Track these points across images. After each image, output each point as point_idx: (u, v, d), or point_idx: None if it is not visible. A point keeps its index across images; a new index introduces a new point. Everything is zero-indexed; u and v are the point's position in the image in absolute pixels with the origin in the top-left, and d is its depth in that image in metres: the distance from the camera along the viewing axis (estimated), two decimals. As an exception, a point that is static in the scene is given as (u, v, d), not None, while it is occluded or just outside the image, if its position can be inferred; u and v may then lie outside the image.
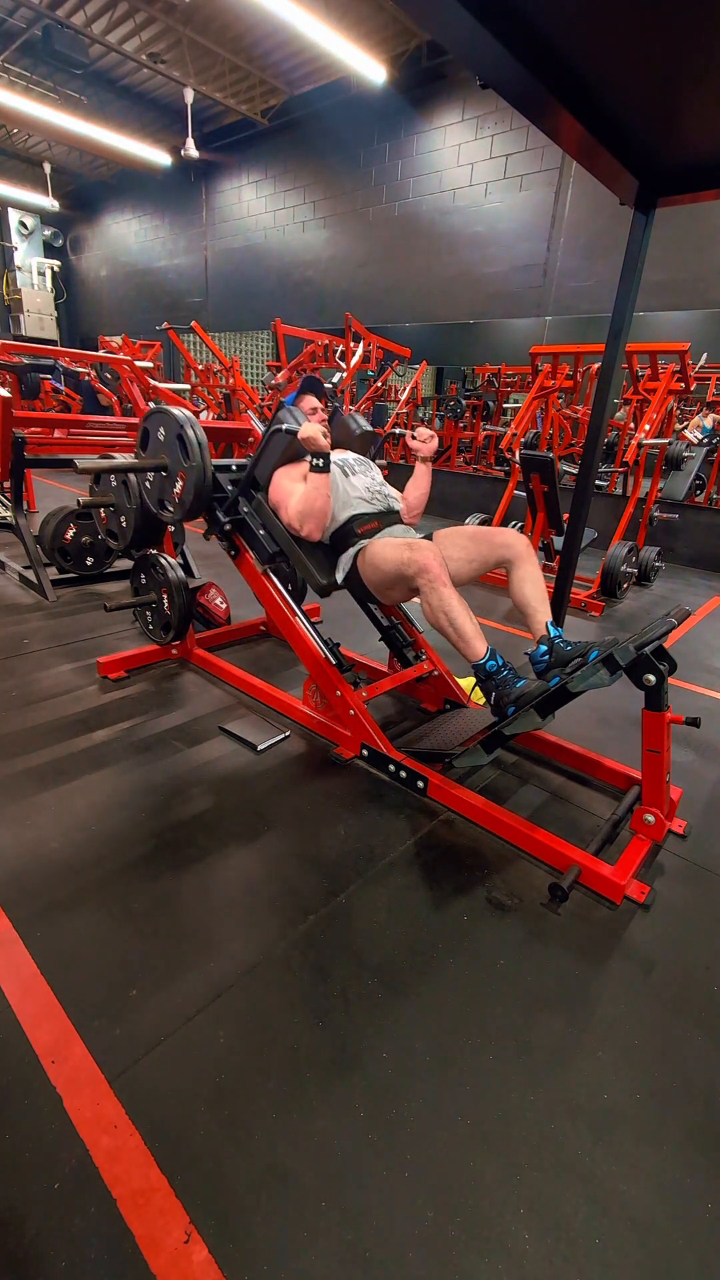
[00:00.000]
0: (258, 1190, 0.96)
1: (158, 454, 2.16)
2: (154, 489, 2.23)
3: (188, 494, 2.09)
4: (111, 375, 7.50)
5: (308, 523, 2.02)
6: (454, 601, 1.72)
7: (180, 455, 2.07)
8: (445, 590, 1.72)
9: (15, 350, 6.41)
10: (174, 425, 2.07)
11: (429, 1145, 1.03)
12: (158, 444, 2.16)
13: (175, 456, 2.10)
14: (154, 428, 2.15)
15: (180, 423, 2.05)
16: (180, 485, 2.11)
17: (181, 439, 2.06)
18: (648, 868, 1.70)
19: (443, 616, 1.72)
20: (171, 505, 2.18)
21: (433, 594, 1.73)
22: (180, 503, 2.13)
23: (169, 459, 2.12)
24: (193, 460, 2.04)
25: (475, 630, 1.72)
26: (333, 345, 6.62)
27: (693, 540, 5.70)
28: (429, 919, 1.48)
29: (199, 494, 2.08)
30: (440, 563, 1.75)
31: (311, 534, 2.05)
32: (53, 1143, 1.00)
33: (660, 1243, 0.93)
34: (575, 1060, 1.19)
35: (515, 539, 1.91)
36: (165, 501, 2.20)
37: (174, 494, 2.14)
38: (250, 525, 2.22)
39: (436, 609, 1.73)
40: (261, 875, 1.59)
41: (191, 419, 2.07)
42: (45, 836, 1.68)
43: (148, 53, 7.58)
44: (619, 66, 1.45)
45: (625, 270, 2.08)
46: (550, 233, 6.47)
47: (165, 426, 2.11)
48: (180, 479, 2.10)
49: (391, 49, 6.89)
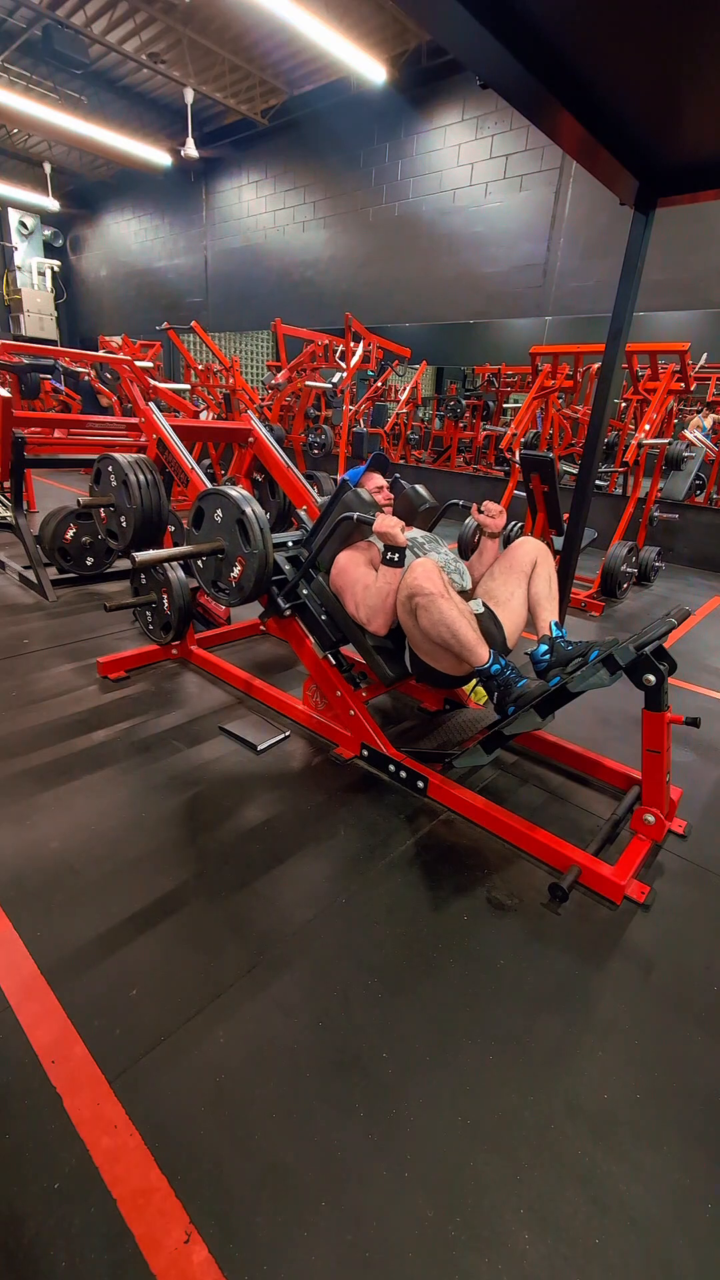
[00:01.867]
0: (258, 1190, 0.96)
1: (213, 535, 2.05)
2: (208, 570, 2.10)
3: (247, 580, 1.97)
4: (111, 375, 7.49)
5: (377, 619, 1.89)
6: (452, 612, 1.67)
7: (240, 540, 1.96)
8: (443, 602, 1.66)
9: (15, 350, 6.41)
10: (233, 509, 1.96)
11: (429, 1145, 1.03)
12: (214, 525, 2.04)
13: (234, 540, 1.98)
14: (210, 509, 2.04)
15: (240, 505, 1.94)
16: (239, 570, 1.99)
17: (242, 524, 1.95)
18: (648, 868, 1.70)
19: (444, 630, 1.67)
20: (228, 590, 2.06)
21: (432, 608, 1.67)
22: (238, 587, 2.01)
23: (226, 542, 2.01)
24: (254, 546, 1.93)
25: (476, 637, 1.69)
26: (333, 345, 6.61)
27: (693, 540, 5.70)
28: (429, 919, 1.48)
29: (260, 580, 1.97)
30: (432, 576, 1.69)
31: (379, 630, 1.91)
32: (53, 1143, 1.00)
33: (660, 1243, 0.93)
34: (575, 1060, 1.19)
35: (536, 542, 1.99)
36: (219, 583, 2.09)
37: (231, 578, 2.03)
38: (311, 610, 2.09)
39: (437, 623, 1.67)
40: (261, 875, 1.59)
41: (250, 499, 1.96)
42: (45, 836, 1.68)
43: (148, 53, 7.58)
44: (619, 66, 1.45)
45: (625, 270, 2.08)
46: (550, 233, 6.47)
47: (223, 509, 2.00)
48: (239, 564, 1.98)
49: (391, 49, 6.88)
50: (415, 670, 1.94)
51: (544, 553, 1.96)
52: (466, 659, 1.70)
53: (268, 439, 2.81)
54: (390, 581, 1.84)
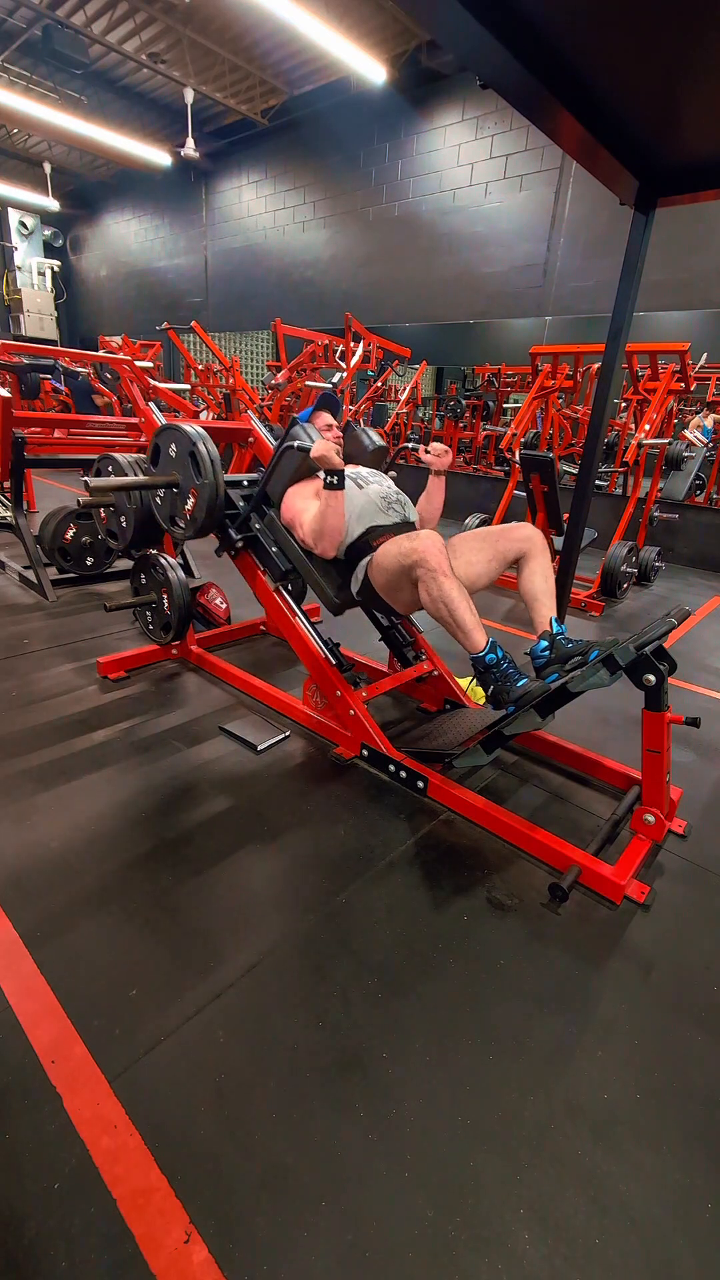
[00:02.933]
0: (258, 1190, 0.96)
1: (169, 470, 2.16)
2: (165, 505, 2.22)
3: (199, 511, 2.09)
4: (111, 375, 7.49)
5: (322, 541, 2.00)
6: (454, 592, 1.69)
7: (193, 472, 2.07)
8: (445, 580, 1.69)
9: (15, 350, 6.41)
10: (186, 442, 2.06)
11: (429, 1145, 1.03)
12: (169, 460, 2.15)
13: (187, 473, 2.09)
14: (165, 444, 2.15)
15: (193, 439, 2.04)
16: (192, 502, 2.10)
17: (194, 456, 2.05)
18: (648, 868, 1.70)
19: (442, 607, 1.70)
20: (183, 522, 2.18)
21: (432, 584, 1.70)
22: (192, 519, 2.13)
23: (181, 476, 2.12)
24: (205, 477, 2.04)
25: (475, 622, 1.69)
26: (333, 345, 6.61)
27: (693, 540, 5.69)
28: (429, 919, 1.48)
29: (211, 511, 2.08)
30: (440, 552, 1.71)
31: (326, 552, 2.03)
32: (53, 1143, 1.00)
33: (660, 1243, 0.93)
34: (575, 1060, 1.19)
35: (533, 532, 1.93)
36: (177, 518, 2.20)
37: (185, 510, 2.14)
38: (263, 542, 2.22)
39: (436, 599, 1.70)
40: (261, 875, 1.59)
41: (204, 435, 2.06)
42: (45, 837, 1.68)
43: (148, 53, 7.58)
44: (619, 66, 1.45)
45: (625, 270, 2.08)
46: (550, 233, 6.47)
47: (177, 443, 2.10)
48: (192, 496, 2.10)
49: (391, 49, 6.88)
50: (363, 597, 2.06)
51: (538, 547, 1.92)
52: (462, 643, 1.71)
53: (268, 439, 2.80)
54: (332, 505, 1.94)
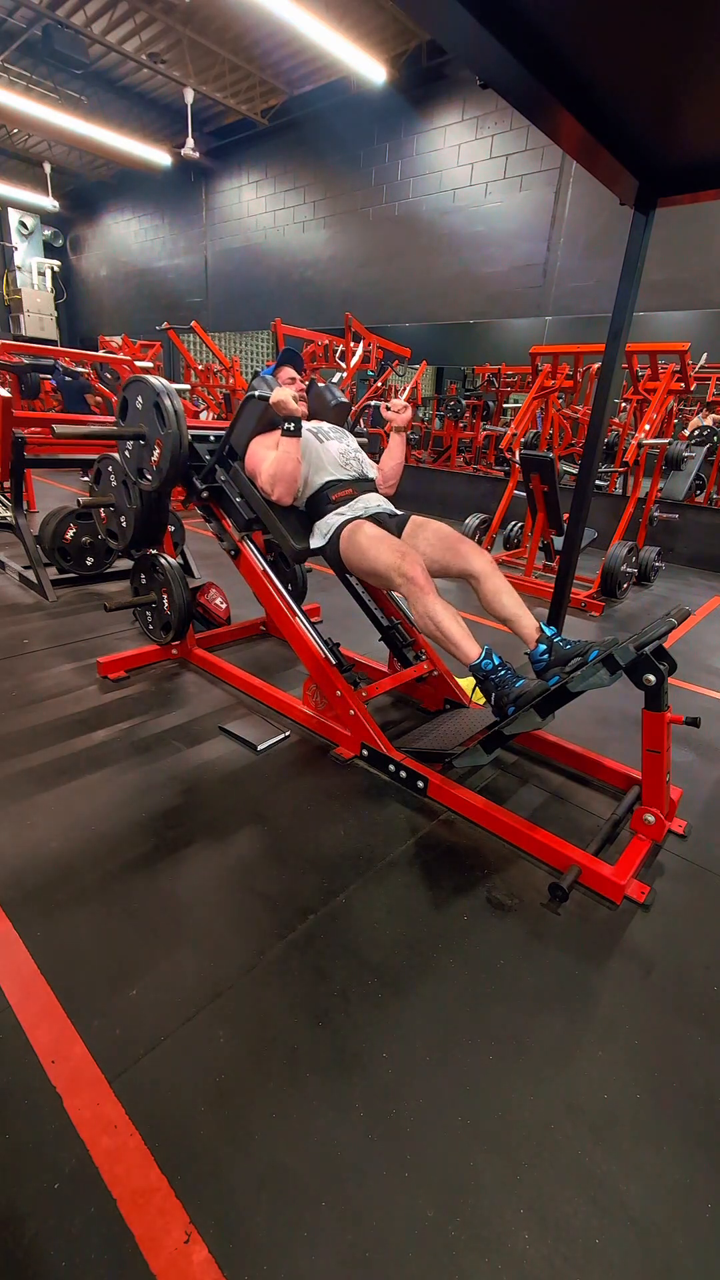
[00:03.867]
0: (258, 1190, 0.96)
1: (136, 423, 2.20)
2: (133, 457, 2.27)
3: (164, 461, 2.13)
4: (111, 375, 7.49)
5: (278, 486, 2.06)
6: (439, 609, 1.76)
7: (158, 423, 2.11)
8: (429, 599, 1.77)
9: (15, 350, 6.41)
10: (151, 394, 2.11)
11: (429, 1145, 1.03)
12: (136, 413, 2.20)
13: (153, 425, 2.14)
14: (132, 397, 2.19)
15: (157, 391, 2.08)
16: (158, 453, 2.15)
17: (159, 407, 2.10)
18: (648, 868, 1.70)
19: (430, 624, 1.77)
20: (150, 473, 2.22)
21: (418, 603, 1.79)
22: (158, 470, 2.18)
23: (147, 427, 2.16)
24: (169, 428, 2.09)
25: (464, 633, 1.74)
26: (333, 345, 6.61)
27: (693, 540, 5.69)
28: (429, 919, 1.48)
29: (175, 461, 2.13)
30: (425, 573, 1.81)
31: (282, 498, 2.08)
32: (53, 1143, 1.00)
33: (660, 1243, 0.93)
34: (575, 1060, 1.19)
35: (480, 558, 1.92)
36: (144, 470, 2.25)
37: (152, 462, 2.19)
38: (227, 493, 2.28)
39: (424, 616, 1.78)
40: (262, 875, 1.59)
41: (169, 388, 2.10)
42: (45, 837, 1.68)
43: (148, 53, 7.58)
44: (619, 66, 1.45)
45: (625, 270, 2.08)
46: (550, 233, 6.47)
47: (143, 395, 2.15)
48: (158, 447, 2.14)
49: (391, 49, 6.88)
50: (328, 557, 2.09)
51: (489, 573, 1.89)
52: (455, 655, 1.75)
53: (267, 439, 2.81)
54: (289, 451, 2.01)
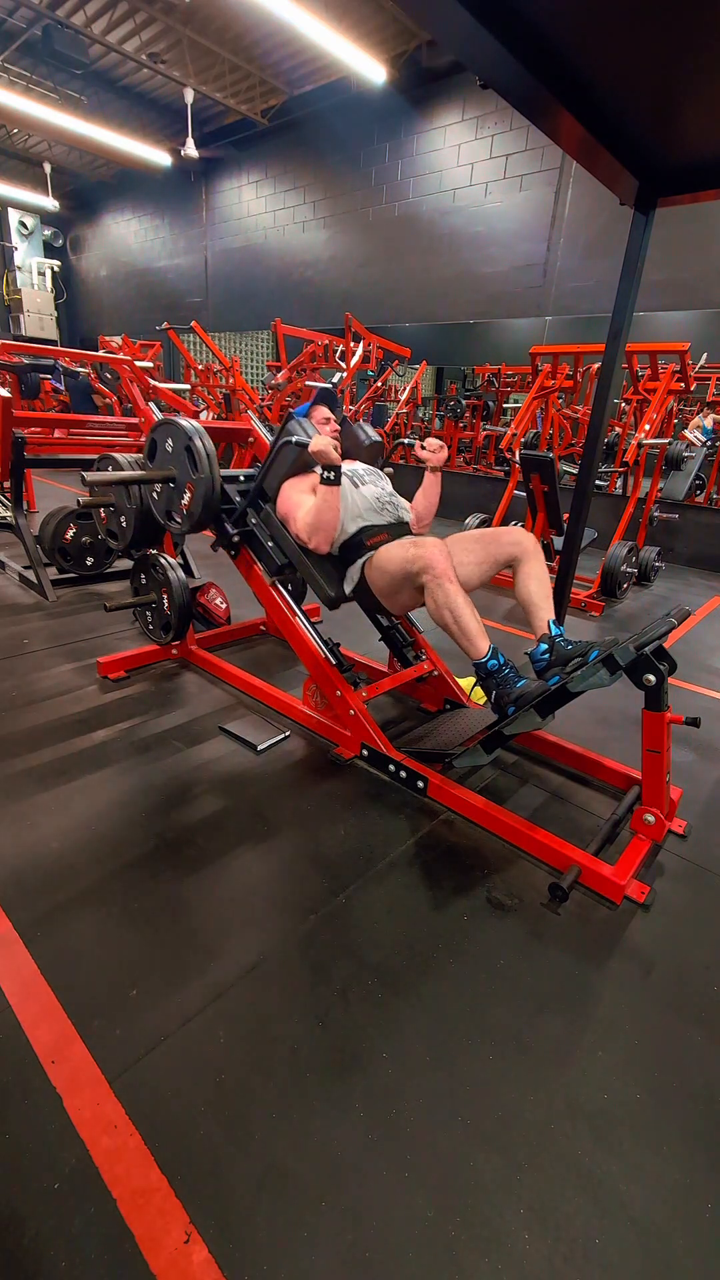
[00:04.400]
0: (258, 1190, 0.96)
1: (166, 465, 2.16)
2: (162, 500, 2.22)
3: (196, 506, 2.09)
4: (111, 375, 7.49)
5: (316, 535, 2.00)
6: (459, 598, 1.71)
7: (189, 467, 2.07)
8: (450, 586, 1.71)
9: (15, 350, 6.41)
10: (182, 436, 2.06)
11: (429, 1145, 1.03)
12: (166, 455, 2.15)
13: (183, 468, 2.09)
14: (162, 439, 2.15)
15: (189, 434, 2.04)
16: (188, 497, 2.11)
17: (190, 450, 2.05)
18: (648, 868, 1.70)
19: (447, 613, 1.72)
20: (180, 516, 2.18)
21: (438, 590, 1.72)
22: (188, 514, 2.13)
23: (177, 470, 2.12)
24: (201, 472, 2.04)
25: (479, 628, 1.71)
26: (333, 345, 6.61)
27: (693, 540, 5.69)
28: (429, 919, 1.48)
29: (207, 506, 2.08)
30: (446, 558, 1.74)
31: (319, 547, 2.03)
32: (53, 1143, 1.00)
33: (660, 1243, 0.93)
34: (575, 1060, 1.19)
35: (524, 536, 1.92)
36: (173, 512, 2.20)
37: (182, 505, 2.14)
38: (258, 537, 2.22)
39: (441, 605, 1.72)
40: (262, 875, 1.59)
41: (200, 430, 2.06)
42: (45, 836, 1.68)
43: (148, 53, 7.57)
44: (619, 66, 1.45)
45: (625, 270, 2.08)
46: (550, 233, 6.47)
47: (174, 438, 2.11)
48: (189, 490, 2.10)
49: (391, 49, 6.88)
50: (356, 595, 2.07)
51: (530, 551, 1.89)
52: (465, 649, 1.72)
53: (268, 439, 2.80)
54: (328, 500, 1.94)
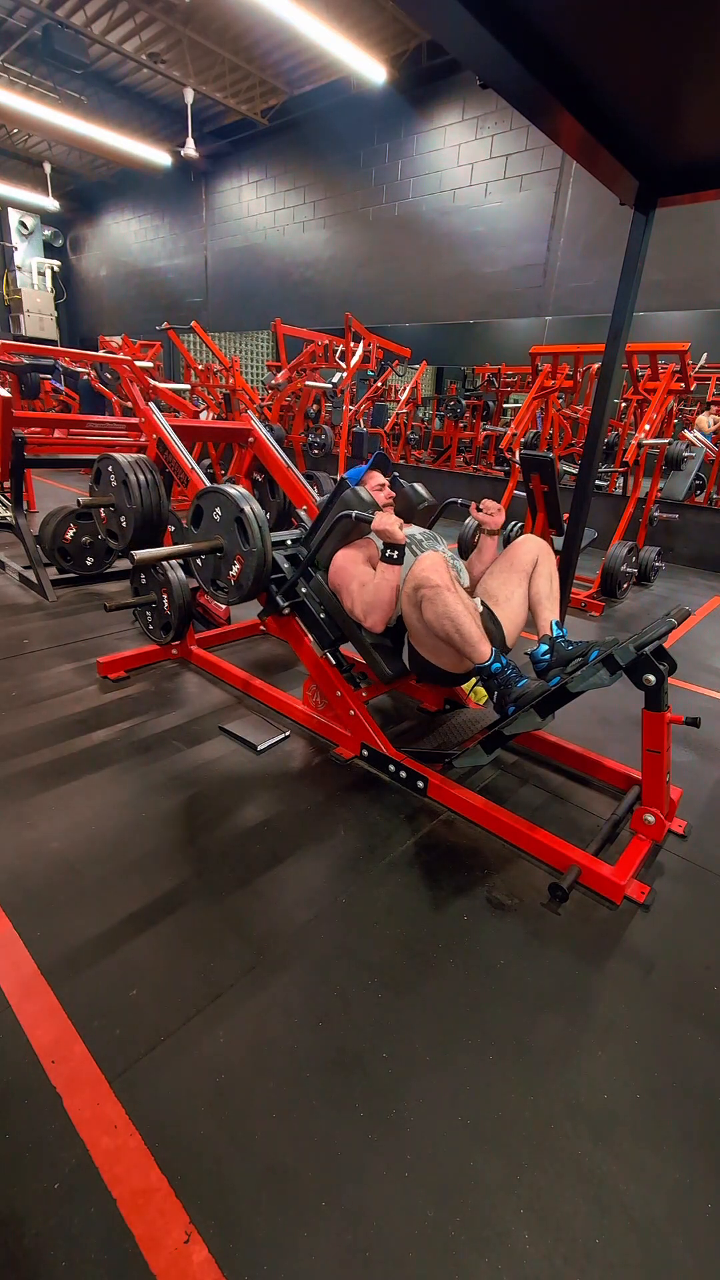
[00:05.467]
0: (258, 1190, 0.96)
1: (212, 533, 2.05)
2: (207, 568, 2.11)
3: (246, 578, 1.98)
4: (111, 375, 7.49)
5: (373, 614, 1.89)
6: (457, 606, 1.67)
7: (239, 538, 1.97)
8: (448, 595, 1.66)
9: (15, 350, 6.41)
10: (232, 507, 1.96)
11: (429, 1145, 1.03)
12: (213, 523, 2.04)
13: (233, 539, 1.99)
14: (209, 507, 2.05)
15: (238, 502, 1.94)
16: (238, 568, 2.00)
17: (241, 522, 1.95)
18: (648, 868, 1.70)
19: (447, 623, 1.67)
20: (227, 587, 2.07)
21: (437, 600, 1.67)
22: (237, 585, 2.02)
23: (225, 540, 2.02)
24: (253, 545, 1.93)
25: (480, 634, 1.69)
26: (333, 345, 6.61)
27: (693, 540, 5.70)
28: (429, 919, 1.48)
29: (258, 578, 1.97)
30: (439, 568, 1.69)
31: (375, 626, 1.91)
32: (53, 1143, 1.00)
33: (660, 1243, 0.93)
34: (575, 1060, 1.19)
35: (538, 540, 1.97)
36: (219, 581, 2.09)
37: (230, 576, 2.04)
38: (310, 608, 2.10)
39: (441, 615, 1.67)
40: (261, 875, 1.59)
41: (249, 497, 1.96)
42: (45, 836, 1.68)
43: (148, 53, 7.57)
44: (619, 66, 1.45)
45: (625, 270, 2.08)
46: (550, 233, 6.47)
47: (222, 507, 2.00)
48: (238, 562, 1.99)
49: (391, 49, 6.88)
50: (414, 667, 1.95)
51: (545, 551, 1.95)
52: (468, 654, 1.70)
53: (268, 439, 2.81)
54: (388, 578, 1.84)
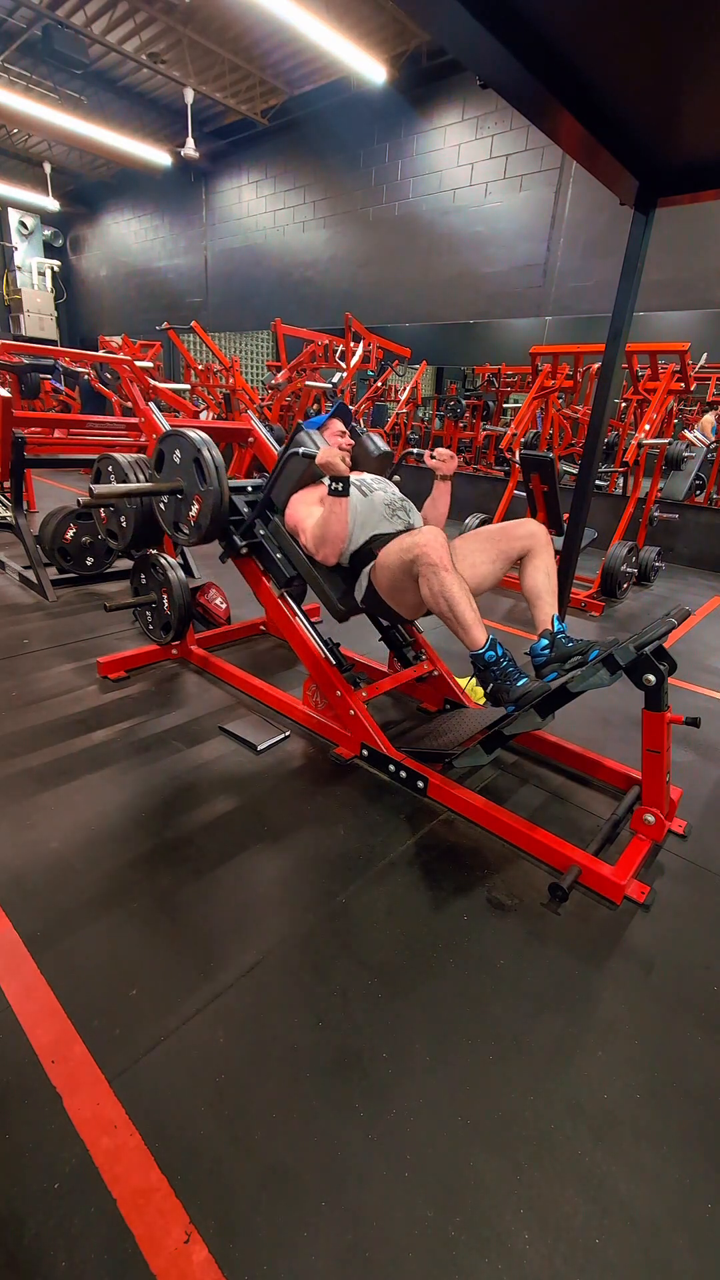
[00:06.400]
0: (258, 1190, 0.96)
1: (173, 476, 2.16)
2: (169, 511, 2.22)
3: (204, 518, 2.09)
4: (111, 375, 7.49)
5: (324, 547, 1.98)
6: (454, 587, 1.66)
7: (197, 479, 2.07)
8: (446, 574, 1.66)
9: (15, 350, 6.41)
10: (191, 448, 2.06)
11: (429, 1145, 1.03)
12: (174, 466, 2.15)
13: (191, 480, 2.09)
14: (170, 450, 2.14)
15: (197, 446, 2.04)
16: (196, 509, 2.10)
17: (199, 462, 2.05)
18: (648, 868, 1.70)
19: (442, 601, 1.67)
20: (187, 528, 2.18)
21: (433, 578, 1.67)
22: (196, 526, 2.13)
23: (185, 482, 2.12)
24: (210, 484, 2.04)
25: (475, 618, 1.68)
26: (333, 345, 6.61)
27: (693, 540, 5.69)
28: (429, 919, 1.48)
29: (215, 518, 2.07)
30: (441, 546, 1.69)
31: (327, 558, 2.01)
32: (53, 1143, 1.00)
33: (660, 1243, 0.93)
34: (575, 1060, 1.19)
35: (537, 528, 1.91)
36: (180, 524, 2.20)
37: (190, 517, 2.14)
38: (267, 549, 2.21)
39: (436, 593, 1.67)
40: (261, 875, 1.59)
41: (209, 441, 2.06)
42: (45, 836, 1.68)
43: (148, 53, 7.57)
44: (619, 66, 1.45)
45: (625, 270, 2.08)
46: (550, 233, 6.46)
47: (181, 449, 2.10)
48: (196, 502, 2.10)
49: (391, 49, 6.88)
50: (368, 603, 2.05)
51: (542, 544, 1.90)
52: (462, 638, 1.69)
53: (268, 439, 2.81)
54: (336, 511, 1.92)
